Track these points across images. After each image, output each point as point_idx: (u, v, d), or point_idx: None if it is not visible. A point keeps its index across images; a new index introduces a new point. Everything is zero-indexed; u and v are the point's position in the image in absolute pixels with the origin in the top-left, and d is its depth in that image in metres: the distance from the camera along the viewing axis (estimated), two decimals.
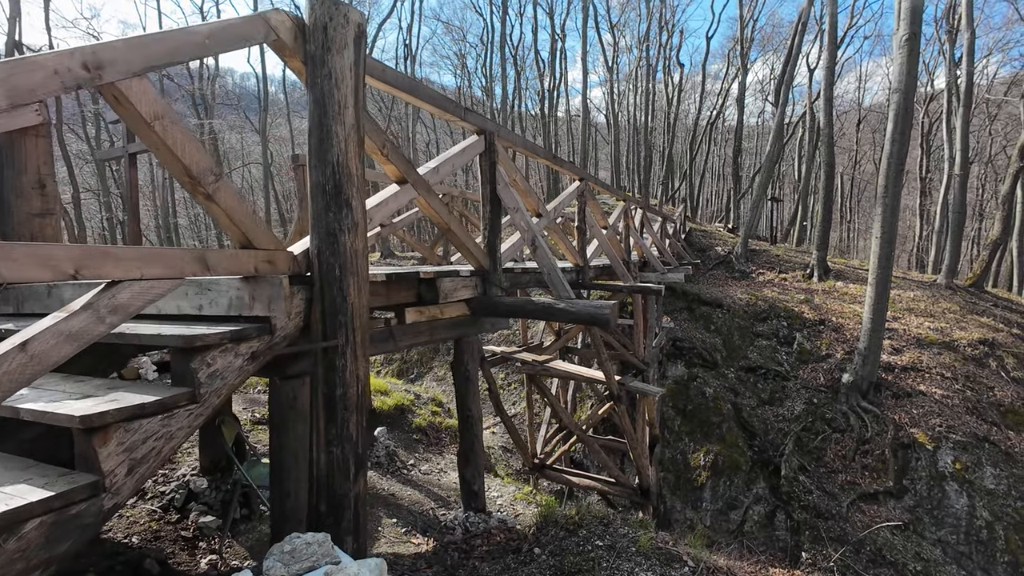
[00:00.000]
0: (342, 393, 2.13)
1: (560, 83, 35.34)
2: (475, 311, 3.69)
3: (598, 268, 6.79)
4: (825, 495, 10.58)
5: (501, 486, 5.18)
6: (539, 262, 3.46)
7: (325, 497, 2.12)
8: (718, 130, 40.37)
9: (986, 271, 16.14)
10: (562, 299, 3.24)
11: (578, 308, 3.15)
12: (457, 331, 3.64)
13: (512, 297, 3.51)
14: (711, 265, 18.12)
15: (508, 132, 3.89)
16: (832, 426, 11.46)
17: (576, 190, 5.69)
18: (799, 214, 27.23)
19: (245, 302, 1.98)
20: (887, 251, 10.39)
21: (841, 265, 18.60)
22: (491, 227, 3.72)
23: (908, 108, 9.88)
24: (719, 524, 10.83)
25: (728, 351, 13.28)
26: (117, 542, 2.95)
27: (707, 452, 11.39)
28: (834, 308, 13.91)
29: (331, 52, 2.02)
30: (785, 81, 17.03)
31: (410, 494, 4.33)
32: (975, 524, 9.47)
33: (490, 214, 3.71)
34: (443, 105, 3.12)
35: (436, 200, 3.03)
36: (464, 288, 3.49)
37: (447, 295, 3.24)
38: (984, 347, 12.03)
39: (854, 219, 45.45)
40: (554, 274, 3.39)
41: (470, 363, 3.73)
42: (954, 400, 10.76)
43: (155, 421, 1.59)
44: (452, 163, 3.29)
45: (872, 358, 10.92)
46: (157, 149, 1.65)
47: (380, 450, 5.10)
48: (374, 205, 2.58)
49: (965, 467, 9.91)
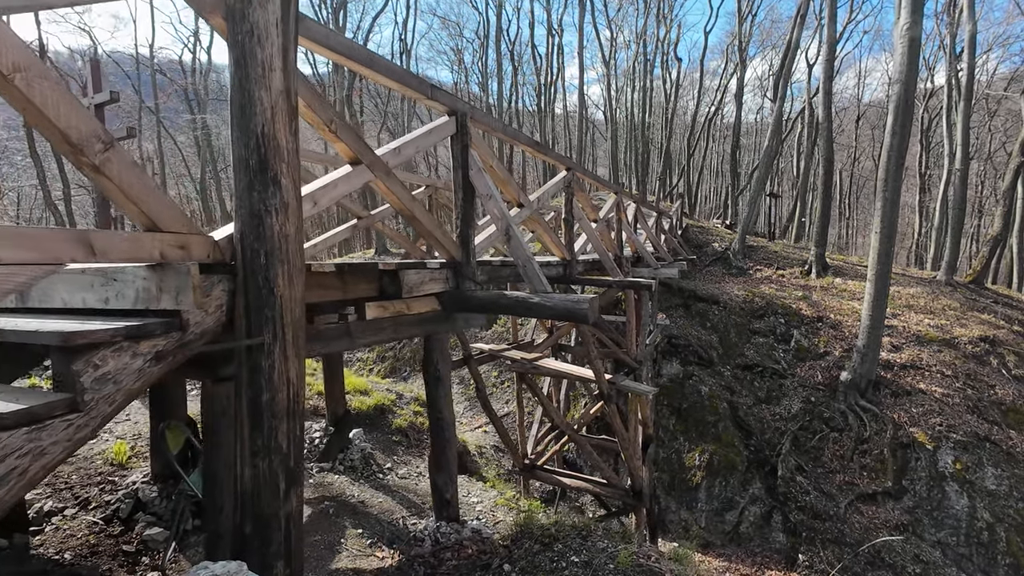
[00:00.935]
0: (269, 398, 1.87)
1: (557, 79, 35.06)
2: (446, 306, 3.43)
3: (588, 263, 6.53)
4: (823, 496, 10.35)
5: (482, 491, 4.93)
6: (513, 253, 3.20)
7: (251, 516, 1.86)
8: (716, 127, 40.11)
9: (986, 267, 15.92)
10: (537, 293, 2.97)
11: (554, 302, 2.89)
12: (426, 328, 3.37)
13: (486, 291, 3.24)
14: (708, 261, 17.87)
15: (483, 114, 3.62)
16: (830, 425, 11.23)
17: (562, 180, 5.42)
18: (797, 210, 26.99)
19: (152, 294, 1.71)
20: (887, 246, 10.14)
21: (840, 261, 18.36)
22: (463, 216, 3.45)
23: (909, 100, 9.61)
24: (714, 525, 10.61)
25: (724, 349, 13.04)
26: (46, 559, 2.69)
27: (702, 452, 11.16)
28: (832, 305, 13.67)
29: (252, 5, 1.75)
30: (784, 74, 16.75)
31: (381, 501, 4.07)
32: (976, 526, 9.25)
33: (462, 202, 3.44)
34: (406, 80, 2.85)
35: (397, 184, 2.76)
36: (433, 281, 3.22)
37: (412, 288, 2.97)
38: (985, 344, 11.80)
39: (853, 216, 45.25)
40: (529, 266, 3.13)
41: (440, 363, 3.47)
42: (954, 399, 10.52)
43: (19, 435, 1.32)
44: (417, 144, 3.02)
45: (871, 356, 10.68)
46: (24, 110, 1.38)
47: (355, 454, 4.84)
48: (320, 186, 2.31)
49: (966, 467, 9.69)
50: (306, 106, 2.14)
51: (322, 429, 4.81)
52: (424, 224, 3.04)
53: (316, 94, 2.18)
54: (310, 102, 2.13)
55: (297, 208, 1.92)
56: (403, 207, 2.83)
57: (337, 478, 4.36)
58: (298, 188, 1.94)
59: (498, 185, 4.18)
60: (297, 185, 1.93)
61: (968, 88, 15.43)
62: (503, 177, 3.97)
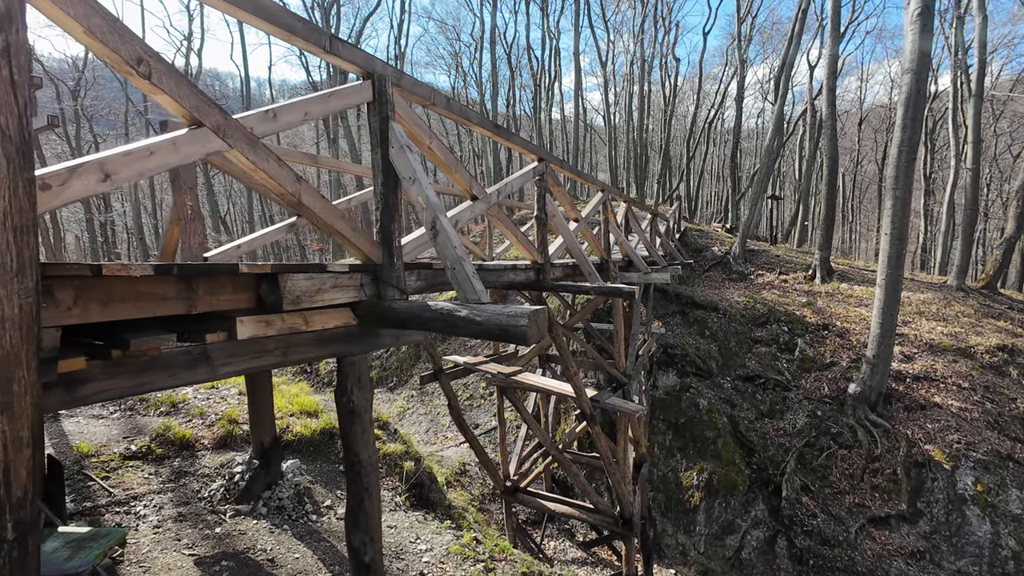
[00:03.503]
0: None
1: (554, 82, 34.50)
2: (364, 320, 2.72)
3: (568, 267, 5.81)
4: (831, 519, 9.56)
5: (435, 533, 4.18)
6: (440, 251, 2.49)
7: None
8: (717, 131, 39.53)
9: (999, 271, 15.14)
10: (467, 304, 2.26)
11: (485, 317, 2.18)
12: (334, 348, 2.66)
13: (409, 301, 2.53)
14: (707, 266, 17.13)
15: (413, 81, 2.91)
16: (838, 441, 10.45)
17: (531, 171, 4.72)
18: (800, 213, 26.29)
19: None
20: (897, 248, 9.41)
21: (845, 266, 17.60)
22: (384, 206, 2.75)
23: (920, 90, 8.92)
24: (714, 551, 9.81)
25: (724, 359, 12.27)
26: None
27: (701, 470, 10.38)
28: (838, 312, 12.91)
29: None
30: (785, 69, 16.09)
31: (299, 557, 3.33)
32: (1000, 554, 8.47)
33: (383, 188, 2.74)
34: (287, 24, 2.14)
35: (268, 159, 2.05)
36: (339, 289, 2.51)
37: (301, 299, 2.27)
38: (1003, 354, 11.02)
39: (856, 220, 44.52)
40: (460, 269, 2.42)
41: (356, 391, 2.75)
42: (973, 413, 9.75)
43: None
44: (307, 110, 2.32)
45: (882, 367, 9.92)
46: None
47: (285, 491, 4.11)
48: (118, 152, 1.61)
49: (987, 489, 8.90)
50: (85, 32, 1.44)
51: (245, 462, 4.10)
52: (318, 214, 2.33)
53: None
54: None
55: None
56: (279, 189, 2.13)
57: (254, 524, 3.64)
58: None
59: (446, 174, 3.48)
60: None
61: (979, 83, 14.73)
62: (446, 161, 3.27)
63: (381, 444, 5.40)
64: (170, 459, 4.15)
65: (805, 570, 9.17)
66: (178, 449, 4.28)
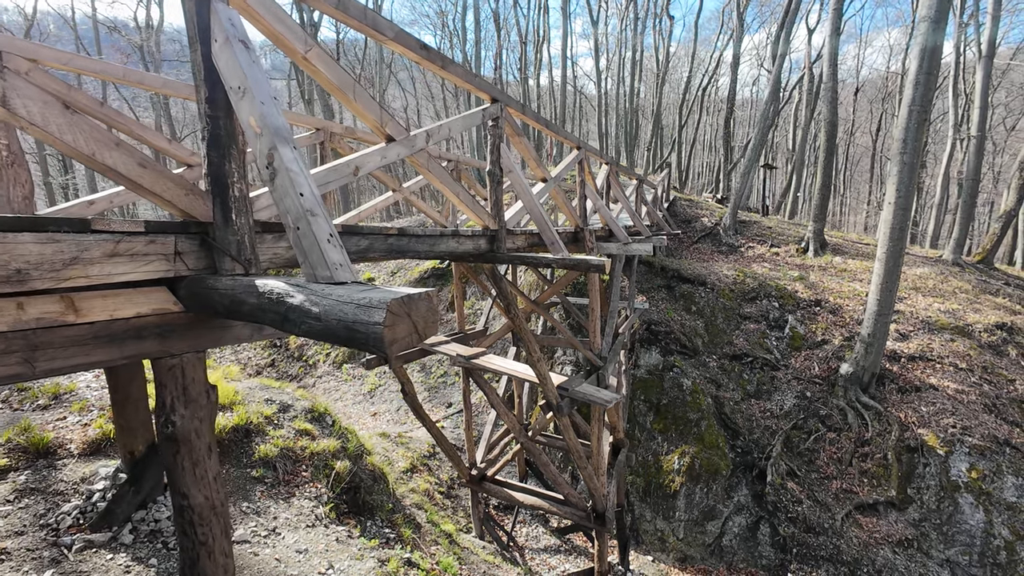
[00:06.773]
0: None
1: (543, 43, 32.76)
2: (190, 305, 1.84)
3: (534, 235, 4.92)
4: (817, 505, 9.08)
5: (354, 559, 3.43)
6: (278, 201, 1.59)
7: None
8: (710, 99, 38.18)
9: (996, 246, 14.53)
10: (307, 286, 1.37)
11: (325, 307, 1.31)
12: (137, 347, 1.78)
13: (234, 279, 1.64)
14: (696, 237, 16.32)
15: None
16: (827, 424, 9.91)
17: (480, 113, 3.77)
18: (792, 184, 25.49)
19: None
20: (901, 220, 8.63)
21: (839, 239, 16.91)
22: (213, 135, 1.83)
23: (937, 42, 7.98)
24: (694, 537, 9.32)
25: (710, 336, 11.59)
26: None
27: (682, 454, 9.81)
28: (832, 287, 12.23)
29: None
30: (785, 26, 14.94)
31: None
32: (992, 544, 8.04)
33: (208, 107, 1.81)
34: None
35: None
36: (126, 259, 1.62)
37: (30, 274, 1.37)
38: (1002, 332, 10.46)
39: (847, 192, 43.84)
40: (304, 226, 1.53)
41: (181, 408, 1.90)
42: (970, 395, 9.20)
43: None
44: None
45: (877, 346, 9.29)
46: None
47: (166, 510, 3.30)
48: None
49: (982, 476, 8.42)
50: None
51: (109, 476, 3.27)
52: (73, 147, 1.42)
53: None
54: None
55: None
56: None
57: (107, 560, 2.84)
58: None
59: (341, 100, 2.54)
60: None
61: (990, 43, 13.74)
62: (338, 83, 2.33)
63: (309, 442, 4.59)
64: (18, 471, 3.30)
65: (788, 558, 8.72)
66: (32, 457, 3.42)
